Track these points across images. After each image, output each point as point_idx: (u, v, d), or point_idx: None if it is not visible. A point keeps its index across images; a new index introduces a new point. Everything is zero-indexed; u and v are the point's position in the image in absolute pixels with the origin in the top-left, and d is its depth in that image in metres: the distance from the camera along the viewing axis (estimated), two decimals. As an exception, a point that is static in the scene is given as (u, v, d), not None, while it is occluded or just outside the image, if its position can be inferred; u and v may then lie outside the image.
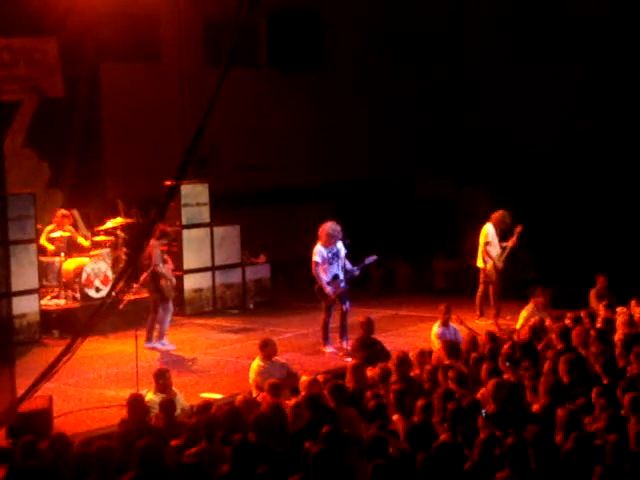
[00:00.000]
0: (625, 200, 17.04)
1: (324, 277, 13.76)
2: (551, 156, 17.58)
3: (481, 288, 15.64)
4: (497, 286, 15.47)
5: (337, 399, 9.29)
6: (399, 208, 19.92)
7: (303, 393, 9.93)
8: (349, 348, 13.51)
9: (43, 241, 15.65)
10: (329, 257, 13.82)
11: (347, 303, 13.94)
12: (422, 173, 20.66)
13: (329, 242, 13.82)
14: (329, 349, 13.95)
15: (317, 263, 13.79)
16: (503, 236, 15.52)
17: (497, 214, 15.49)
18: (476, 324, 14.88)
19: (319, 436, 7.96)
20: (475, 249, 15.73)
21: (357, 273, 13.98)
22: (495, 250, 15.43)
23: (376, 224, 19.24)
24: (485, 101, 19.78)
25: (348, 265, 13.93)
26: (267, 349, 11.61)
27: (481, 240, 15.48)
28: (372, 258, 14.05)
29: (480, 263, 15.57)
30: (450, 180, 20.00)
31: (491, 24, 20.25)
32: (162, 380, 10.64)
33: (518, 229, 15.44)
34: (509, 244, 15.46)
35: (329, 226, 13.87)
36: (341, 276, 13.84)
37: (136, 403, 9.59)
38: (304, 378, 10.43)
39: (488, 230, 15.43)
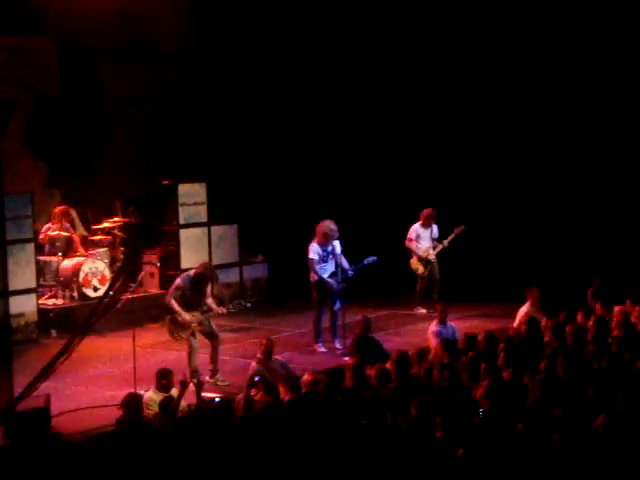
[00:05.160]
0: (621, 199, 17.04)
1: (322, 272, 13.83)
2: (547, 156, 17.60)
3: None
4: (422, 280, 16.20)
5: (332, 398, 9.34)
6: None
7: (304, 391, 9.95)
8: (341, 347, 13.56)
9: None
10: (324, 255, 13.91)
11: (338, 303, 13.97)
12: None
13: (325, 240, 13.88)
14: (321, 348, 13.97)
15: (313, 260, 13.89)
16: (444, 235, 16.28)
17: (424, 212, 16.24)
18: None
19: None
20: None
21: (351, 274, 13.98)
22: (422, 245, 16.20)
23: (373, 224, 19.23)
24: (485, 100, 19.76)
25: (345, 264, 13.97)
26: (266, 348, 11.63)
27: (407, 236, 16.27)
28: (371, 259, 14.08)
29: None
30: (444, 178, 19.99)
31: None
32: (164, 380, 10.65)
33: (458, 230, 16.07)
34: (444, 242, 16.17)
35: (326, 225, 13.93)
36: (337, 274, 13.89)
37: (132, 402, 9.59)
38: (306, 377, 10.44)
39: (413, 228, 16.27)
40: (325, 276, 13.87)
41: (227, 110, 17.90)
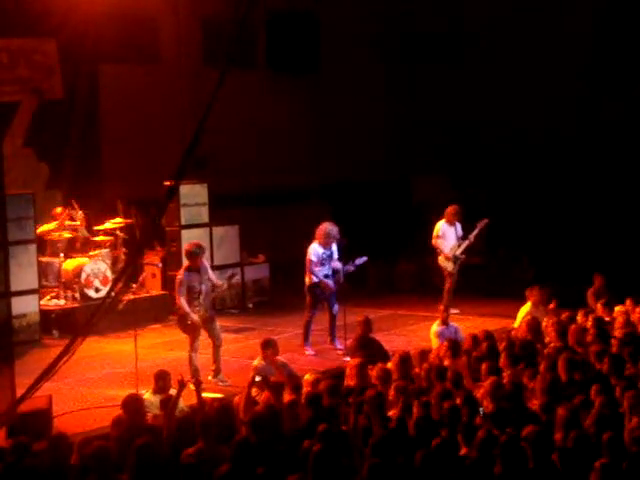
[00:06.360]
0: (623, 198, 17.06)
1: (319, 274, 13.84)
2: (548, 156, 17.63)
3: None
4: (451, 278, 15.82)
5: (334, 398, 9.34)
6: (396, 209, 19.94)
7: (306, 391, 9.95)
8: (342, 348, 13.60)
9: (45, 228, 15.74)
10: (323, 257, 13.91)
11: (336, 306, 13.98)
12: (419, 174, 20.72)
13: (326, 242, 13.89)
14: (309, 351, 13.92)
15: (312, 261, 13.89)
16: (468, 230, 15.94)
17: (448, 209, 15.93)
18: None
19: (317, 435, 7.99)
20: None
21: (351, 269, 13.96)
22: (448, 243, 15.82)
23: (374, 225, 19.26)
24: (485, 100, 19.77)
25: (337, 266, 13.96)
26: (268, 349, 11.63)
27: (433, 234, 15.96)
28: (362, 259, 14.09)
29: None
30: (447, 180, 20.02)
31: (491, 23, 20.29)
32: (162, 382, 10.63)
33: (481, 224, 15.79)
34: (470, 237, 15.83)
35: (327, 226, 13.95)
36: (329, 277, 13.93)
37: (133, 403, 9.60)
38: (307, 377, 10.45)
39: (439, 225, 15.93)
40: (320, 278, 13.89)
41: (228, 111, 17.93)
